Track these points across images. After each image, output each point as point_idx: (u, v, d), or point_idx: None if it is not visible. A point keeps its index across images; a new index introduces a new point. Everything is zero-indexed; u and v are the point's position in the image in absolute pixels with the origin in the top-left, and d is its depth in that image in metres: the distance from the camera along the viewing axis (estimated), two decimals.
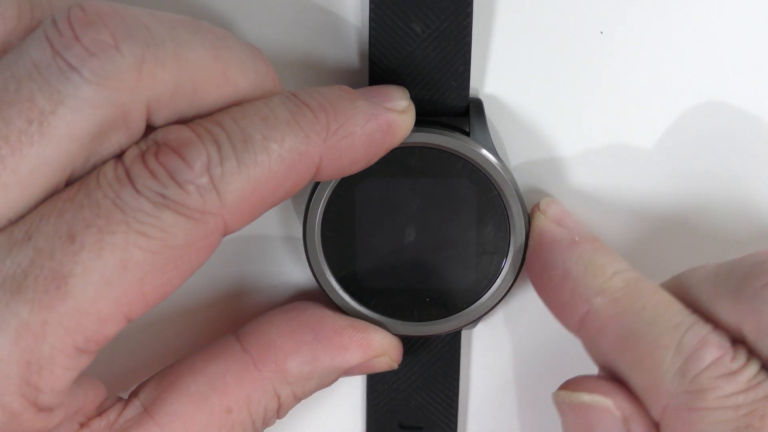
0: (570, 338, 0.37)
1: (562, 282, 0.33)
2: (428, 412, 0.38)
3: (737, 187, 0.36)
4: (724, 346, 0.30)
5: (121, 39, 0.27)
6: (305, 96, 0.30)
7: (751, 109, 0.35)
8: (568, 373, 0.39)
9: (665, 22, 0.34)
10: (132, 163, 0.27)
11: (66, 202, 0.27)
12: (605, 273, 0.32)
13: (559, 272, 0.33)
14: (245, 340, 0.33)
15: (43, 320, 0.26)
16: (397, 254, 0.35)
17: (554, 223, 0.34)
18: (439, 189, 0.34)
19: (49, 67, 0.26)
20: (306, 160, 0.29)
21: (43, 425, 0.28)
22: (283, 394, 0.33)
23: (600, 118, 0.36)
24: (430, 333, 0.35)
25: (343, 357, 0.34)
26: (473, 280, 0.35)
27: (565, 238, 0.34)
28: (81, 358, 0.27)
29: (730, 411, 0.29)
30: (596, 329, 0.32)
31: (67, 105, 0.26)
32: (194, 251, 0.28)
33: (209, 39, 0.29)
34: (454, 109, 0.34)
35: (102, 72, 0.26)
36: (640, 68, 0.35)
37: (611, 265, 0.32)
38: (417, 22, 0.33)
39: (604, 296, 0.32)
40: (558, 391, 0.32)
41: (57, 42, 0.27)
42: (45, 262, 0.26)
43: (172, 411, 0.31)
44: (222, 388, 0.32)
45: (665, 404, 0.30)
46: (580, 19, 0.34)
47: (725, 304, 0.30)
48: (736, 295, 0.30)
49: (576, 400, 0.32)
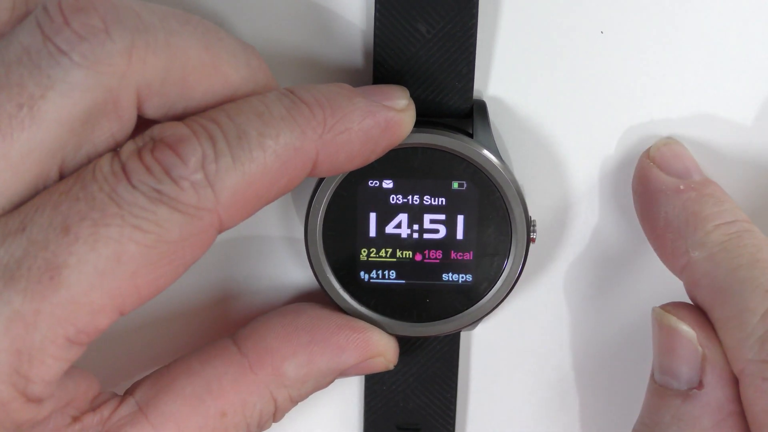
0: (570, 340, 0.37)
1: (664, 231, 0.33)
2: (426, 413, 0.37)
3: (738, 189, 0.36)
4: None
5: (112, 24, 0.27)
6: (302, 92, 0.30)
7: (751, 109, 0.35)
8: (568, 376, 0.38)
9: (665, 23, 0.34)
10: (128, 158, 0.28)
11: (61, 195, 0.27)
12: (706, 226, 0.32)
13: (661, 222, 0.33)
14: (242, 344, 0.33)
15: (35, 310, 0.26)
16: (398, 255, 0.34)
17: (659, 170, 0.34)
18: (441, 190, 0.34)
19: (39, 52, 0.27)
20: (302, 156, 0.29)
21: (32, 416, 0.28)
22: (279, 397, 0.33)
23: (603, 120, 0.36)
24: (430, 334, 0.35)
25: (339, 357, 0.33)
26: (474, 282, 0.35)
27: (670, 186, 0.33)
28: (72, 350, 0.27)
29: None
30: (693, 281, 0.32)
31: (57, 89, 0.26)
32: (188, 246, 0.28)
33: (200, 30, 0.29)
34: (457, 110, 0.34)
35: (92, 56, 0.27)
36: (642, 69, 0.35)
37: (714, 217, 0.32)
38: (422, 23, 0.33)
39: (702, 250, 0.32)
40: (657, 307, 0.33)
41: (47, 27, 0.27)
42: (39, 253, 0.26)
43: (167, 412, 0.31)
44: (218, 391, 0.32)
45: (743, 367, 0.30)
46: (583, 22, 0.34)
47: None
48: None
49: (666, 321, 0.32)
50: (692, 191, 0.33)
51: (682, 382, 0.32)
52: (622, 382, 0.39)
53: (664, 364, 0.33)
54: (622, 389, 0.39)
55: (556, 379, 0.39)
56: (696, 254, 0.32)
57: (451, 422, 0.38)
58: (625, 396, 0.39)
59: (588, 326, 0.38)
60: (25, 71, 0.27)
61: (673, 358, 0.32)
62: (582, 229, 0.37)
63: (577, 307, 0.38)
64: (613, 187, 0.36)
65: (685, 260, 0.32)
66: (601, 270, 0.37)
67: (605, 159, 0.36)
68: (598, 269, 0.37)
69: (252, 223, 0.36)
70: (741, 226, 0.32)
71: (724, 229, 0.32)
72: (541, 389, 0.39)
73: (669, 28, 0.34)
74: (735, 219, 0.32)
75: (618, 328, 0.38)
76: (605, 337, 0.38)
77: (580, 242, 0.37)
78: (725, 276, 0.31)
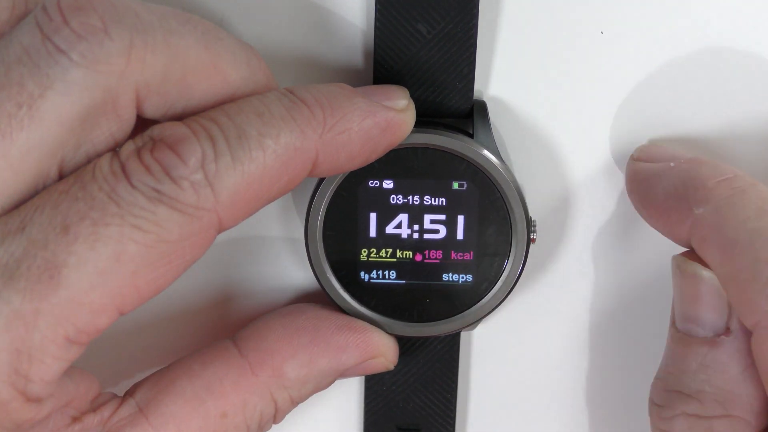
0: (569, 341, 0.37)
1: (665, 203, 0.32)
2: (426, 413, 0.37)
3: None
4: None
5: (110, 23, 0.27)
6: (302, 92, 0.30)
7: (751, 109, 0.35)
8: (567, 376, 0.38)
9: (666, 23, 0.34)
10: (128, 158, 0.28)
11: (61, 194, 0.27)
12: (707, 183, 0.31)
13: (660, 198, 0.32)
14: (242, 345, 0.33)
15: (34, 309, 0.26)
16: (398, 255, 0.34)
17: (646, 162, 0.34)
18: (442, 190, 0.34)
19: (38, 51, 0.27)
20: (302, 156, 0.29)
21: (32, 415, 0.28)
22: (280, 398, 0.33)
23: (603, 121, 0.36)
24: (430, 334, 0.35)
25: (340, 358, 0.33)
26: (474, 282, 0.35)
27: (662, 168, 0.33)
28: (71, 349, 0.27)
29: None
30: (701, 239, 0.31)
31: (56, 88, 0.26)
32: (188, 246, 0.28)
33: (200, 30, 0.29)
34: (457, 110, 0.34)
35: (90, 55, 0.27)
36: (642, 69, 0.35)
37: (714, 175, 0.32)
38: (422, 23, 0.33)
39: (707, 205, 0.31)
40: (679, 256, 0.33)
41: (46, 26, 0.27)
42: (38, 252, 0.26)
43: (167, 413, 0.31)
44: (218, 392, 0.32)
45: (759, 319, 0.29)
46: (583, 22, 0.34)
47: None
48: None
49: (691, 270, 0.32)
50: (684, 164, 0.33)
51: (708, 329, 0.31)
52: (623, 382, 0.38)
53: (688, 312, 0.32)
54: (622, 389, 0.39)
55: (557, 380, 0.38)
56: (700, 210, 0.31)
57: (451, 423, 0.38)
58: (627, 393, 0.39)
59: (588, 326, 0.38)
60: (25, 70, 0.27)
61: (698, 305, 0.32)
62: (582, 229, 0.37)
63: (577, 306, 0.38)
64: (613, 187, 0.36)
65: (690, 220, 0.31)
66: (601, 270, 0.37)
67: (605, 159, 0.36)
68: (598, 269, 0.37)
69: (252, 223, 0.36)
70: (744, 180, 0.31)
71: (727, 184, 0.31)
72: (541, 389, 0.39)
73: (669, 28, 0.34)
74: (735, 175, 0.31)
75: (617, 328, 0.38)
76: (605, 337, 0.38)
77: (580, 242, 0.37)
78: (734, 228, 0.30)
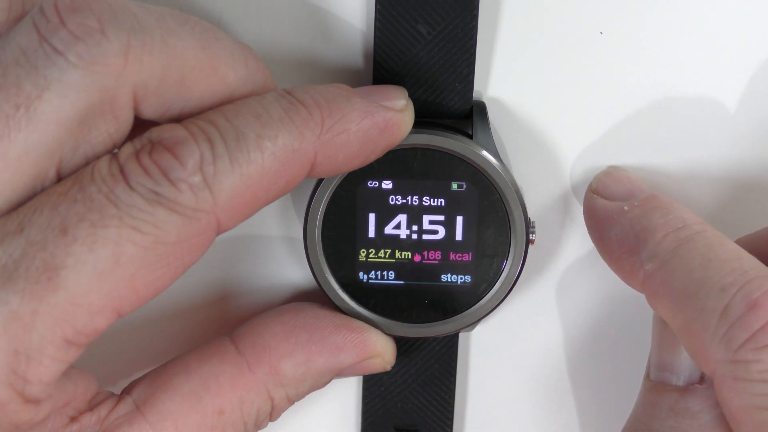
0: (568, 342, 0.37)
1: (618, 253, 0.33)
2: (424, 414, 0.37)
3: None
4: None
5: (108, 24, 0.27)
6: (300, 93, 0.30)
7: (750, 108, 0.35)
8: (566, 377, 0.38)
9: (666, 23, 0.34)
10: (126, 160, 0.28)
11: (60, 196, 0.27)
12: (655, 237, 0.32)
13: (614, 246, 0.33)
14: (240, 342, 0.33)
15: (33, 310, 0.26)
16: (397, 255, 0.35)
17: (603, 199, 0.34)
18: (441, 191, 0.34)
19: (35, 53, 0.27)
20: (300, 157, 0.29)
21: (30, 417, 0.28)
22: (276, 396, 0.33)
23: (603, 122, 0.36)
24: (429, 335, 0.35)
25: (337, 357, 0.34)
26: (473, 283, 0.35)
27: (615, 210, 0.33)
28: (70, 351, 0.27)
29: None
30: (652, 293, 0.32)
31: (53, 89, 0.27)
32: (187, 248, 0.28)
33: (198, 30, 0.29)
34: (457, 111, 0.34)
35: (88, 56, 0.27)
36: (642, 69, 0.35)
37: (662, 227, 0.32)
38: (422, 24, 0.33)
39: (655, 261, 0.31)
40: None
41: (43, 27, 0.27)
42: (37, 254, 0.26)
43: (165, 410, 0.32)
44: (215, 390, 0.32)
45: (714, 368, 0.29)
46: (583, 23, 0.34)
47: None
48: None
49: None
50: (636, 209, 0.33)
51: (682, 378, 0.32)
52: (622, 382, 0.38)
53: (665, 360, 0.32)
54: (621, 389, 0.39)
55: (555, 380, 0.39)
56: (650, 266, 0.31)
57: (449, 423, 0.38)
58: (624, 395, 0.39)
59: (586, 327, 0.38)
60: (22, 72, 0.27)
61: (676, 352, 0.32)
62: (581, 229, 0.37)
63: (576, 308, 0.38)
64: None
65: (642, 275, 0.32)
66: (600, 271, 0.37)
67: (605, 160, 0.36)
68: (597, 270, 0.37)
69: (251, 223, 0.36)
70: (691, 229, 0.31)
71: (674, 236, 0.31)
72: (539, 390, 0.39)
73: (669, 28, 0.34)
74: (684, 224, 0.32)
75: (616, 328, 0.38)
76: (604, 338, 0.38)
77: (580, 243, 0.37)
78: (681, 281, 0.30)
